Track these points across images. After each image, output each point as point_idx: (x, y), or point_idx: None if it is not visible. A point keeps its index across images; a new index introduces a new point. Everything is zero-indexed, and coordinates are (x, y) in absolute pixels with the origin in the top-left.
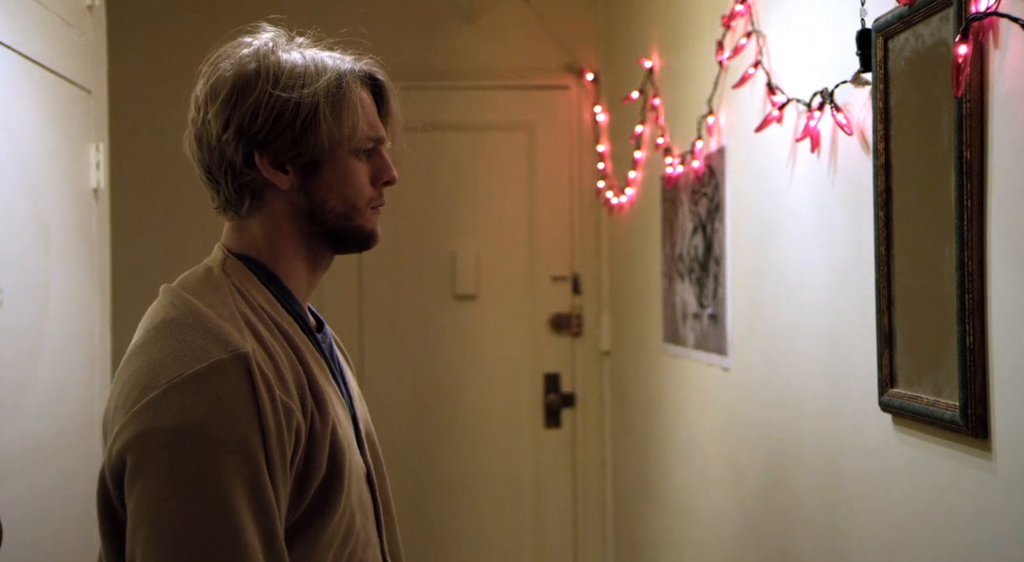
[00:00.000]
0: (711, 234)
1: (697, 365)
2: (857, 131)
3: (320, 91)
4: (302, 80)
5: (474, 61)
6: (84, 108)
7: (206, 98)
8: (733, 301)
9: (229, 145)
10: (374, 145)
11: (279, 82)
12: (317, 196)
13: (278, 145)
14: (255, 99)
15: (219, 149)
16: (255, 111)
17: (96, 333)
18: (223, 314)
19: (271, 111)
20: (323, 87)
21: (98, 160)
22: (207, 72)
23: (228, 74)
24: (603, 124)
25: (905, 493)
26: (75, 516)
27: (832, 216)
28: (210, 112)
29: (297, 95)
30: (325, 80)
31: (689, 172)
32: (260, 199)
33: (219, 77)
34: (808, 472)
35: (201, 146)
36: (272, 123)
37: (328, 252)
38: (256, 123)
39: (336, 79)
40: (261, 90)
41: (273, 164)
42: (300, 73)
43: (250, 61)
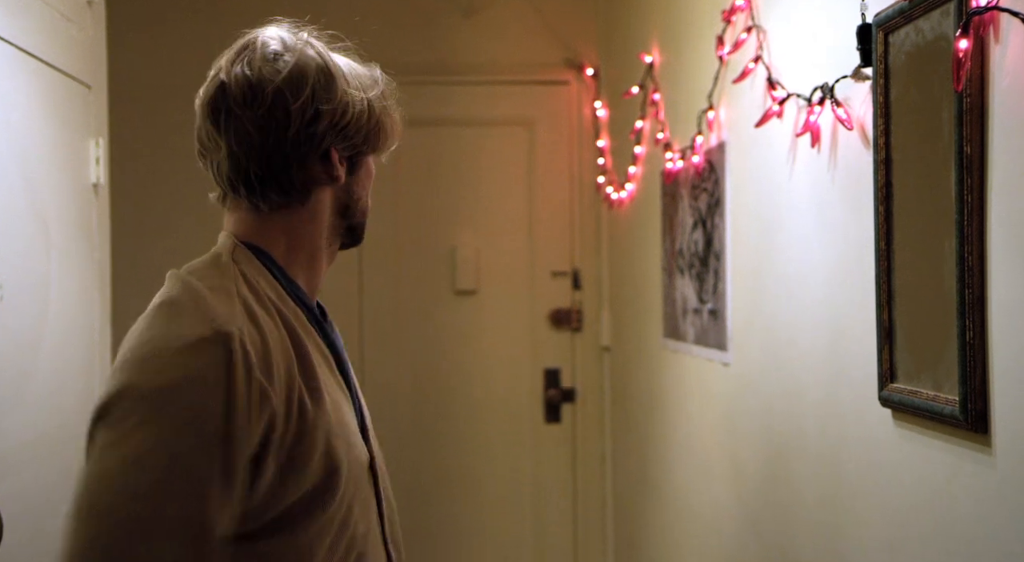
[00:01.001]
0: (711, 229)
1: (697, 360)
2: (857, 126)
3: (382, 94)
4: (369, 82)
5: (474, 56)
6: (84, 103)
7: (279, 88)
8: (733, 296)
9: (312, 137)
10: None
11: (350, 82)
12: (355, 192)
13: (352, 142)
14: (341, 95)
15: (294, 140)
16: (344, 107)
17: (96, 328)
18: (220, 297)
19: (355, 108)
20: (382, 90)
21: (98, 155)
22: (252, 60)
23: (305, 67)
24: (603, 119)
25: (905, 488)
26: None
27: (832, 211)
28: (290, 102)
29: (369, 96)
30: (381, 84)
31: (689, 167)
32: (307, 193)
33: (295, 68)
34: (808, 467)
35: (268, 134)
36: (354, 120)
37: (339, 247)
38: (344, 118)
39: (386, 85)
40: (342, 88)
41: (340, 159)
42: (365, 75)
43: (316, 58)
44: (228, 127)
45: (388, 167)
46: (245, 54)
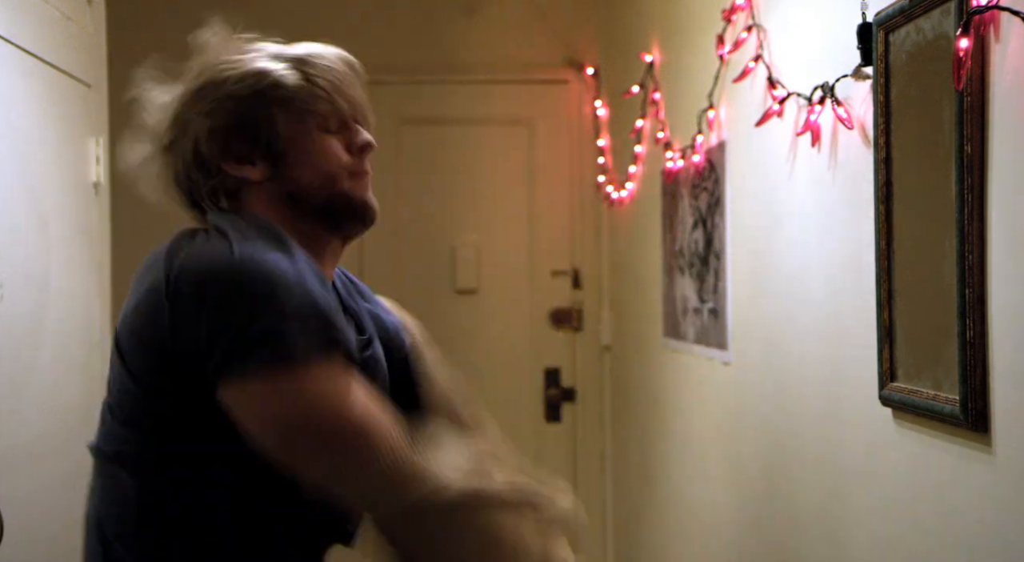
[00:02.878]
0: (711, 228)
1: (698, 360)
2: (858, 125)
3: (262, 83)
4: (243, 78)
5: (474, 56)
6: (84, 102)
7: (170, 118)
8: (733, 295)
9: (188, 150)
10: (340, 120)
11: (218, 86)
12: (291, 177)
13: (237, 146)
14: (206, 103)
15: (185, 162)
16: (208, 113)
17: (96, 327)
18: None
19: (222, 116)
20: (265, 79)
21: (98, 154)
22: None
23: (177, 91)
24: (603, 118)
25: (905, 487)
26: (76, 509)
27: (832, 210)
28: (173, 131)
29: (235, 93)
30: (264, 72)
31: (689, 166)
32: (238, 198)
33: (174, 101)
34: (808, 466)
35: (177, 169)
36: (224, 127)
37: (326, 235)
38: (210, 123)
39: (273, 68)
40: (208, 95)
41: (235, 159)
42: (239, 74)
43: (193, 72)
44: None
45: (388, 166)
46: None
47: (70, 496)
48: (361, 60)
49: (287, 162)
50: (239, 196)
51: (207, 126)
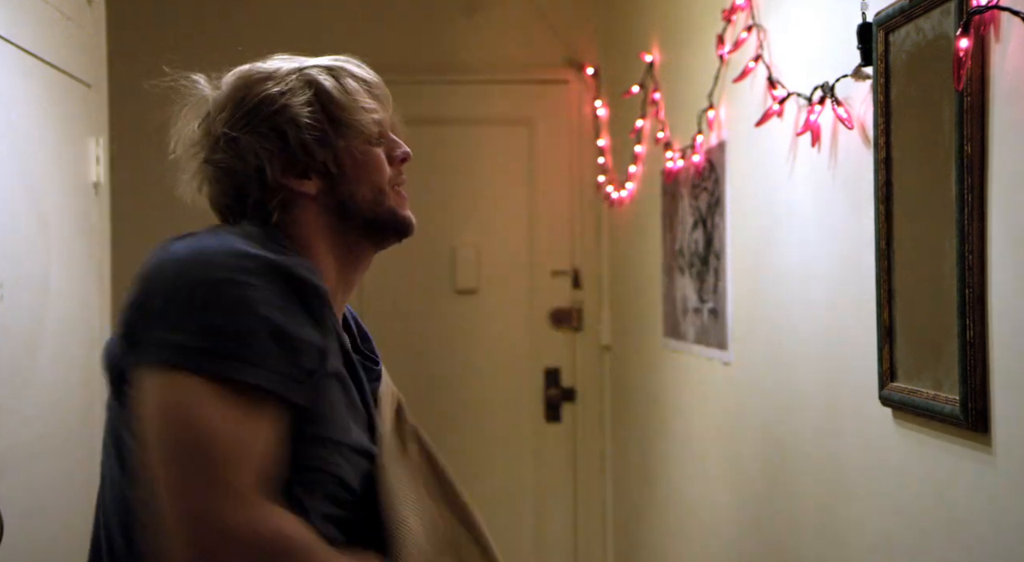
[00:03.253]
0: (711, 228)
1: (698, 359)
2: (858, 125)
3: (311, 98)
4: (293, 93)
5: (474, 55)
6: (84, 102)
7: (217, 134)
8: (733, 295)
9: (250, 173)
10: (380, 131)
11: (272, 101)
12: (345, 190)
13: (294, 159)
14: (260, 122)
15: (239, 178)
16: (266, 134)
17: (96, 327)
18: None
19: (282, 134)
20: (313, 92)
21: (98, 154)
22: (193, 112)
23: (228, 110)
24: (603, 118)
25: (905, 487)
26: (76, 510)
27: (833, 210)
28: (225, 146)
29: (290, 106)
30: (311, 85)
31: (689, 166)
32: (290, 212)
33: (218, 114)
34: (808, 466)
35: (216, 183)
36: (283, 141)
37: (367, 246)
38: (268, 145)
39: (320, 81)
40: (262, 113)
41: (296, 175)
42: (289, 89)
43: (239, 85)
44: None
45: None
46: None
47: (70, 496)
48: (361, 60)
49: (340, 175)
50: (291, 210)
51: (270, 143)
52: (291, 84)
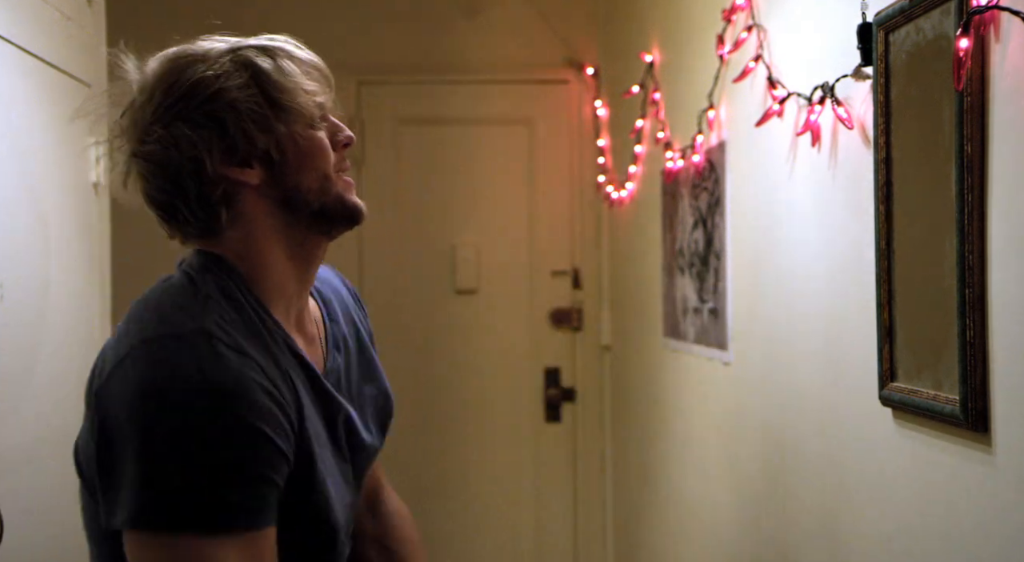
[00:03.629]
0: (711, 228)
1: (697, 359)
2: (858, 125)
3: (247, 81)
4: (228, 77)
5: (474, 55)
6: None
7: (145, 124)
8: (733, 295)
9: (185, 164)
10: (321, 114)
11: (206, 86)
12: (290, 179)
13: (234, 147)
14: (194, 109)
15: (174, 171)
16: (201, 122)
17: (96, 327)
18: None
19: (220, 119)
20: (250, 75)
21: (98, 154)
22: (118, 101)
23: (157, 97)
24: (603, 118)
25: (905, 487)
26: (76, 511)
27: (832, 210)
28: (156, 137)
29: (225, 91)
30: (247, 68)
31: (689, 166)
32: (234, 206)
33: (146, 102)
34: (808, 466)
35: (150, 177)
36: (220, 129)
37: (318, 237)
38: (205, 133)
39: (258, 63)
40: (196, 99)
41: (237, 164)
42: (223, 71)
43: (168, 69)
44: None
45: (388, 166)
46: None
47: (70, 496)
48: (361, 60)
49: (283, 163)
50: (234, 203)
51: (206, 131)
52: (225, 66)
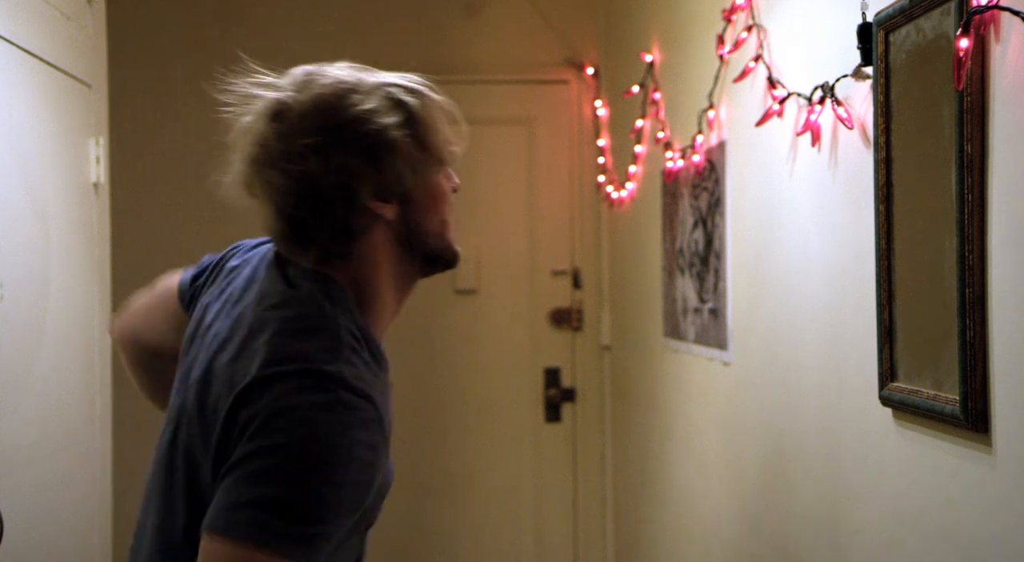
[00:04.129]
0: (711, 228)
1: (698, 359)
2: (858, 125)
3: (402, 121)
4: (386, 112)
5: (474, 55)
6: (84, 102)
7: (298, 143)
8: (733, 295)
9: (336, 191)
10: (441, 159)
11: (367, 120)
12: (415, 218)
13: (385, 183)
14: (354, 141)
15: (322, 195)
16: (360, 154)
17: (96, 327)
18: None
19: (371, 150)
20: (404, 115)
21: (98, 154)
22: (266, 111)
23: (315, 119)
24: (603, 118)
25: (905, 487)
26: (76, 510)
27: (833, 210)
28: (311, 160)
29: (387, 128)
30: (401, 107)
31: (689, 166)
32: (367, 233)
33: (301, 121)
34: (808, 466)
35: (292, 194)
36: (376, 164)
37: (417, 275)
38: (362, 166)
39: (410, 104)
40: (356, 131)
41: (380, 198)
42: (380, 107)
43: (325, 96)
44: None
45: None
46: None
47: (71, 496)
48: (360, 60)
49: (415, 203)
50: (369, 232)
51: (364, 164)
52: (381, 102)
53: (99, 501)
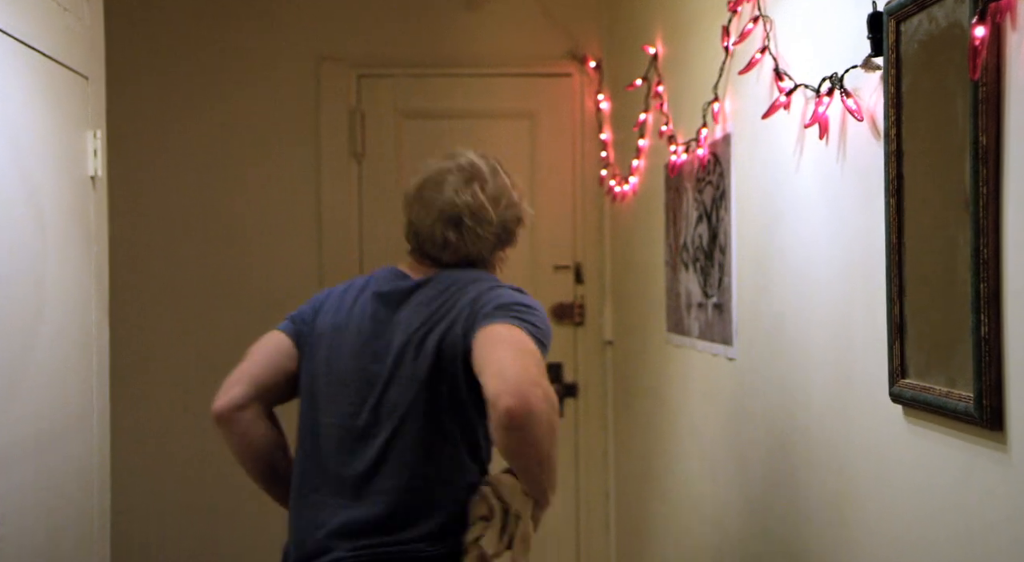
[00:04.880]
0: (716, 223)
1: (702, 355)
2: (868, 117)
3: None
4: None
5: (476, 48)
6: (81, 94)
7: (495, 214)
8: (738, 290)
9: (511, 226)
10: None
11: (520, 205)
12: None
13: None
14: (519, 213)
15: (506, 228)
16: (520, 221)
17: (93, 322)
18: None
19: (512, 222)
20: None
21: (95, 147)
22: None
23: (499, 192)
24: (606, 112)
25: (916, 486)
26: (72, 506)
27: (841, 204)
28: (501, 212)
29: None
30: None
31: (694, 160)
32: (492, 263)
33: (499, 193)
34: (815, 465)
35: (488, 237)
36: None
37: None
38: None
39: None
40: (518, 209)
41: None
42: (519, 197)
43: (505, 185)
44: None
45: (389, 160)
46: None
47: (67, 493)
48: (361, 52)
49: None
50: (492, 262)
51: (519, 225)
52: (519, 197)
53: (97, 498)
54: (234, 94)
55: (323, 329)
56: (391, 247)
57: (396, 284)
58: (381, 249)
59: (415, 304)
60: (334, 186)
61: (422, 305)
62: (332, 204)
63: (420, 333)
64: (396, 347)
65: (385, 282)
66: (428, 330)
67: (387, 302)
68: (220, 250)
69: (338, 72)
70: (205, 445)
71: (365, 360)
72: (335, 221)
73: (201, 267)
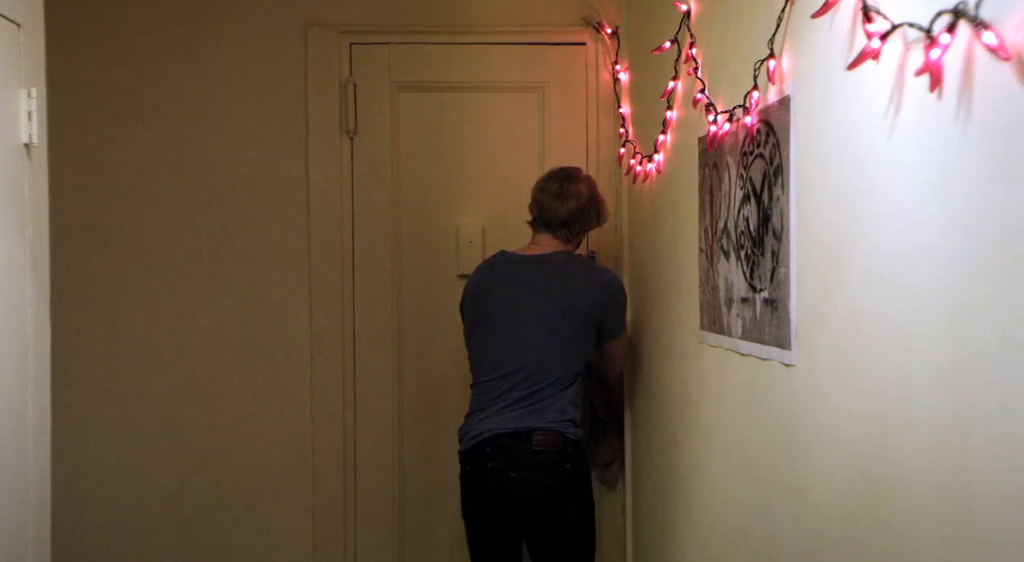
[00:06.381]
0: (769, 203)
1: (747, 359)
2: (1015, 55)
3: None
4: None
5: (479, 14)
6: (12, 44)
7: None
8: (799, 283)
9: (588, 221)
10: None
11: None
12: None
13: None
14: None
15: (583, 221)
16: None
17: (30, 320)
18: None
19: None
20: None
21: (30, 108)
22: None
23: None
24: (624, 83)
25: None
26: (7, 526)
27: (960, 177)
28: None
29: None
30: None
31: (738, 130)
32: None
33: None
34: (917, 506)
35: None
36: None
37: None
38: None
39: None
40: (599, 203)
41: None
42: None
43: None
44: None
45: (385, 136)
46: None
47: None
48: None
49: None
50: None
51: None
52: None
53: (34, 515)
54: (210, 63)
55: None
56: (388, 231)
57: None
58: (377, 233)
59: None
60: (323, 165)
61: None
62: (321, 185)
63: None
64: (525, 319)
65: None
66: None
67: None
68: (196, 235)
69: (327, 39)
70: (179, 436)
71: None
72: (324, 203)
73: (174, 254)
